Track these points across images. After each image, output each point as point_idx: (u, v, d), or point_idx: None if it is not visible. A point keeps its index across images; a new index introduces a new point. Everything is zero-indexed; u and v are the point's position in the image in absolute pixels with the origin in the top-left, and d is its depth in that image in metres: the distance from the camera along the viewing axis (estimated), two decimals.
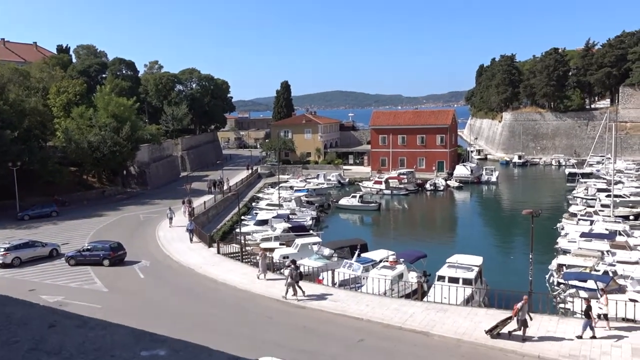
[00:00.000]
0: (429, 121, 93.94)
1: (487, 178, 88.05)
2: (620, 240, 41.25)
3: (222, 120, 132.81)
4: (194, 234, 43.89)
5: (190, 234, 43.77)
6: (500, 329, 22.53)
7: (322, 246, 41.05)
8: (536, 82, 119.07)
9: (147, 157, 79.18)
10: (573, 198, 65.46)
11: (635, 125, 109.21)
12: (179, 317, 26.89)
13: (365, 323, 25.29)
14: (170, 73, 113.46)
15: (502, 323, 22.56)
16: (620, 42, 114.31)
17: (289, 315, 26.75)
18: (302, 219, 56.08)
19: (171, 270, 36.42)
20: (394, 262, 34.72)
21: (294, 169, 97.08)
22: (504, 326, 22.55)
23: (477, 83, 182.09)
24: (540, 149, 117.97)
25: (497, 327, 22.48)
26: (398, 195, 78.37)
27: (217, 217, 58.87)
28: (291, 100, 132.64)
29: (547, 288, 35.26)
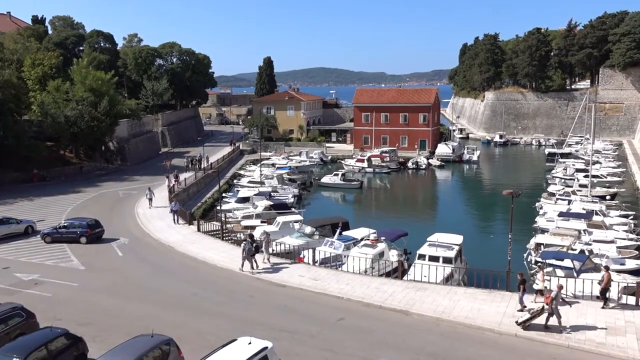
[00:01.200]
0: (412, 99, 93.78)
1: (469, 157, 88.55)
2: (597, 219, 41.79)
3: (204, 96, 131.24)
4: (178, 215, 42.44)
5: (175, 215, 42.43)
6: (533, 320, 21.61)
7: (304, 224, 40.90)
8: (518, 62, 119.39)
9: (127, 132, 78.00)
10: (552, 178, 66.15)
11: (614, 106, 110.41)
12: (158, 295, 26.68)
13: (345, 302, 25.36)
14: (150, 47, 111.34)
15: (537, 314, 21.53)
16: (602, 24, 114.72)
17: (269, 294, 26.70)
18: (284, 197, 55.88)
19: (150, 248, 36.07)
20: (375, 240, 34.72)
21: (276, 146, 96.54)
22: (538, 317, 21.60)
23: (461, 62, 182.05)
24: (521, 129, 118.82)
25: (531, 318, 21.51)
26: (380, 173, 78.48)
27: (198, 194, 58.36)
28: (274, 77, 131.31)
29: (525, 267, 35.66)
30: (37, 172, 60.17)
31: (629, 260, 34.42)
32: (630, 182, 64.30)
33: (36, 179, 59.83)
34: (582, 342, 20.31)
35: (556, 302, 21.40)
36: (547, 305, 21.40)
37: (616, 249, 35.55)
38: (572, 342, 20.35)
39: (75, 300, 25.97)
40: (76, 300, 25.87)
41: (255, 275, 29.40)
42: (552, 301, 21.29)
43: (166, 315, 23.78)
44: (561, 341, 20.50)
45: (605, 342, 20.21)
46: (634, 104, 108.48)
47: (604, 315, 22.66)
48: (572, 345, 20.23)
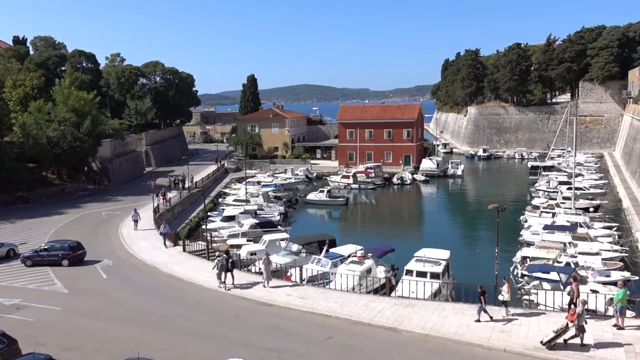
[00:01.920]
0: (396, 115, 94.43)
1: (453, 171, 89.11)
2: (581, 232, 42.17)
3: (188, 115, 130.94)
4: (168, 238, 41.02)
5: (164, 238, 41.07)
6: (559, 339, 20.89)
7: (290, 242, 40.70)
8: (500, 77, 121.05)
9: (110, 152, 77.40)
10: (535, 191, 66.71)
11: (595, 119, 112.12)
12: (143, 317, 26.25)
13: (333, 320, 25.15)
14: (133, 66, 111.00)
15: (562, 332, 20.84)
16: (580, 38, 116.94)
17: (256, 313, 26.40)
18: (270, 215, 55.63)
19: (135, 269, 35.58)
20: (362, 257, 34.64)
21: (261, 164, 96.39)
22: (562, 335, 20.89)
23: (443, 77, 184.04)
24: (504, 143, 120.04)
25: (556, 337, 20.81)
26: (365, 189, 78.60)
27: (183, 213, 57.88)
28: (258, 94, 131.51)
29: (512, 280, 35.75)
30: (20, 195, 59.32)
31: (614, 272, 34.69)
32: (613, 194, 65.07)
33: (19, 202, 58.97)
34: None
35: (582, 318, 20.83)
36: (572, 322, 20.73)
37: (601, 261, 35.86)
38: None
39: (58, 324, 25.45)
40: (60, 325, 25.35)
41: (231, 292, 29.53)
42: (577, 317, 20.63)
43: (152, 337, 23.38)
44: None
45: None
46: (613, 116, 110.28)
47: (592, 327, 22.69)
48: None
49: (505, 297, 24.56)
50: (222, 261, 30.32)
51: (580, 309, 20.88)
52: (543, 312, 25.04)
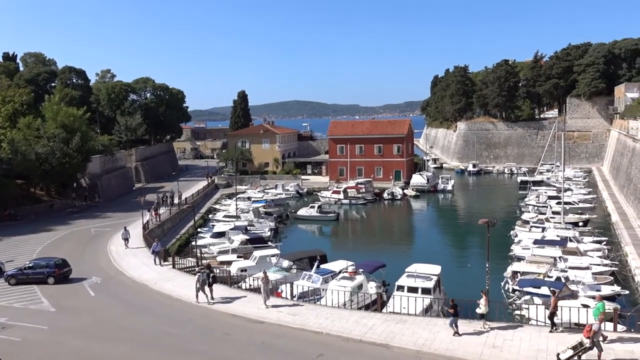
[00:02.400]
0: (386, 131, 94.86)
1: (443, 187, 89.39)
2: (571, 246, 42.32)
3: (178, 130, 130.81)
4: (160, 257, 39.76)
5: (156, 256, 39.89)
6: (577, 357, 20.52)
7: (281, 258, 40.49)
8: (488, 93, 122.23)
9: (99, 168, 76.97)
10: (525, 205, 67.04)
11: (582, 134, 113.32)
12: (132, 335, 25.89)
13: (324, 337, 24.94)
14: (123, 82, 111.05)
15: (581, 350, 20.42)
16: (567, 55, 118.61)
17: (247, 331, 26.14)
18: (260, 231, 55.39)
19: (124, 286, 35.18)
20: (353, 272, 34.49)
21: (251, 180, 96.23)
22: (582, 353, 20.50)
23: (432, 93, 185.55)
24: (493, 158, 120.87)
25: (574, 355, 20.47)
26: (356, 204, 78.59)
27: (172, 229, 57.52)
28: (248, 110, 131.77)
29: (503, 295, 35.74)
30: (8, 212, 58.73)
31: (604, 286, 34.78)
32: (602, 208, 65.52)
33: (7, 219, 58.35)
34: None
35: (598, 335, 20.63)
36: (587, 338, 20.37)
37: (591, 275, 35.95)
38: None
39: (45, 343, 25.02)
40: (46, 344, 24.93)
41: (211, 306, 29.64)
42: (594, 334, 20.33)
43: (141, 355, 23.06)
44: None
45: None
46: (601, 131, 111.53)
47: None
48: None
49: (483, 309, 24.76)
50: (202, 276, 30.46)
51: (597, 326, 20.60)
52: (534, 327, 24.96)
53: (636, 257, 40.82)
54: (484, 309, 24.79)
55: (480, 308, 24.88)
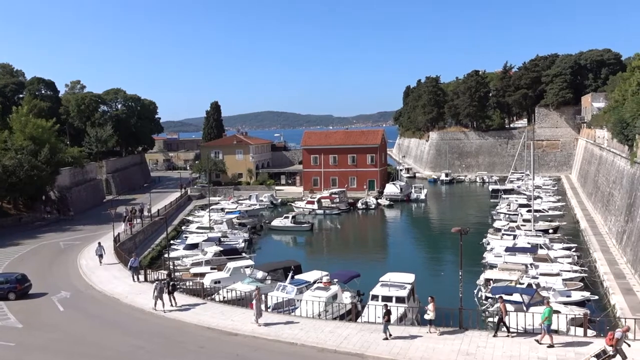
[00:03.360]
0: (359, 141, 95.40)
1: (417, 196, 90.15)
2: (542, 253, 43.06)
3: (150, 142, 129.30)
4: (137, 273, 37.90)
5: (133, 272, 38.00)
6: None
7: (255, 269, 40.27)
8: (460, 103, 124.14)
9: (69, 181, 75.50)
10: (497, 214, 67.97)
11: (551, 143, 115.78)
12: (103, 351, 25.32)
13: (299, 348, 24.79)
14: (93, 93, 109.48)
15: (604, 358, 20.30)
16: (535, 66, 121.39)
17: (220, 343, 25.82)
18: (234, 242, 54.94)
19: (94, 301, 34.42)
20: (327, 282, 34.48)
21: (225, 191, 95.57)
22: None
23: (405, 104, 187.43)
24: (465, 167, 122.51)
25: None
26: (330, 214, 78.66)
27: (144, 242, 56.66)
28: (221, 121, 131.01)
29: (476, 303, 36.07)
30: None
31: (574, 292, 35.42)
32: (571, 216, 66.85)
33: None
34: None
35: (621, 342, 20.47)
36: (610, 346, 20.32)
37: (562, 282, 36.57)
38: None
39: None
40: None
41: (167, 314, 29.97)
42: (616, 342, 20.23)
43: None
44: None
45: None
46: (569, 140, 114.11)
47: (554, 347, 22.98)
48: None
49: (431, 315, 25.22)
50: (160, 284, 31.05)
51: (619, 334, 20.46)
52: (507, 334, 25.22)
53: (604, 263, 41.69)
54: (432, 315, 25.27)
55: (428, 314, 25.37)
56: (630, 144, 47.92)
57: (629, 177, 47.15)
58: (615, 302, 33.02)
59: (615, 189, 53.55)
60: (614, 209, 52.19)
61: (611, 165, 59.20)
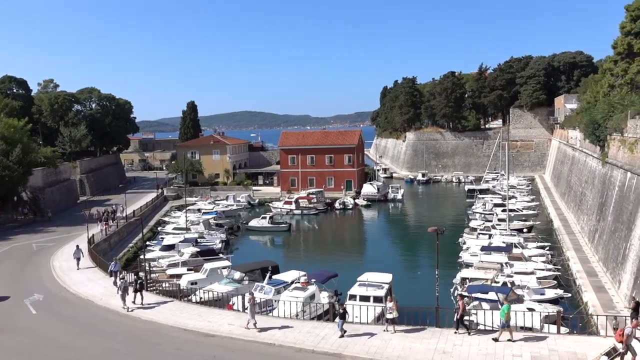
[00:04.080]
0: (337, 141, 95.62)
1: (394, 196, 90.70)
2: (517, 252, 43.69)
3: (125, 142, 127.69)
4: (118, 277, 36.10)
5: (115, 277, 36.72)
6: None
7: (232, 270, 40.03)
8: (436, 104, 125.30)
9: (42, 181, 74.06)
10: (472, 213, 68.74)
11: (525, 143, 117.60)
12: (77, 354, 24.90)
13: (277, 348, 24.71)
14: (67, 92, 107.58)
15: (615, 356, 20.18)
16: (509, 67, 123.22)
17: (197, 345, 25.61)
18: (211, 243, 54.57)
19: (68, 303, 33.81)
20: (305, 282, 34.49)
21: (202, 191, 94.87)
22: (614, 357, 20.16)
23: (382, 104, 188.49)
24: (441, 167, 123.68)
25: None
26: (308, 215, 78.64)
27: (120, 243, 55.89)
28: (198, 121, 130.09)
29: (453, 302, 36.41)
30: None
31: (548, 290, 36.02)
32: (544, 215, 67.95)
33: None
34: None
35: (631, 339, 20.31)
36: (620, 342, 20.20)
37: (536, 280, 37.16)
38: None
39: None
40: None
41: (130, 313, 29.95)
42: (627, 338, 20.05)
43: None
44: None
45: None
46: (542, 141, 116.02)
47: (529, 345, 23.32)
48: None
49: (394, 314, 25.49)
50: (125, 282, 31.22)
51: (629, 330, 20.31)
52: (483, 332, 25.53)
53: (577, 262, 42.48)
54: (395, 314, 25.54)
55: (390, 313, 25.58)
56: (602, 145, 48.89)
57: (601, 177, 48.12)
58: (588, 299, 33.67)
59: (588, 188, 54.60)
60: (586, 209, 53.21)
61: (583, 166, 60.35)
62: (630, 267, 32.67)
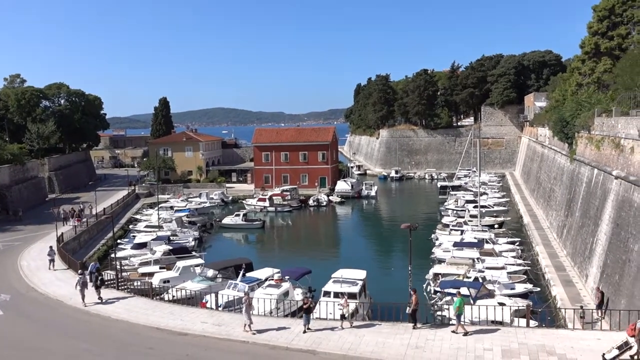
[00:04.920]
0: (311, 138, 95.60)
1: (367, 193, 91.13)
2: (488, 247, 44.38)
3: (95, 138, 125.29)
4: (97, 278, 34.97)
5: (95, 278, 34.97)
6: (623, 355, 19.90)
7: (206, 267, 39.73)
8: (409, 101, 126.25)
9: (8, 179, 72.29)
10: (445, 210, 69.52)
11: (496, 141, 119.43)
12: (46, 356, 24.42)
13: (250, 346, 24.64)
14: (35, 88, 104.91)
15: (624, 348, 19.85)
16: (481, 65, 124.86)
17: (170, 344, 25.35)
18: (184, 240, 54.08)
19: (36, 303, 33.12)
20: (279, 280, 34.47)
21: (174, 188, 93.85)
22: (627, 352, 19.85)
23: (356, 101, 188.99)
24: (414, 164, 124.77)
25: (620, 354, 19.90)
26: (282, 212, 78.52)
27: (90, 241, 54.94)
28: (170, 117, 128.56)
29: (425, 297, 36.81)
30: None
31: (518, 284, 36.67)
32: (514, 211, 69.12)
33: None
34: None
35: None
36: (632, 337, 19.86)
37: (507, 275, 37.80)
38: None
39: None
40: None
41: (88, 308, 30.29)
42: (639, 332, 19.61)
43: None
44: None
45: None
46: (512, 138, 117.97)
47: (499, 339, 23.72)
48: None
49: (344, 311, 25.93)
50: (83, 278, 31.72)
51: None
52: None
53: (546, 257, 43.34)
54: (345, 310, 25.90)
55: (340, 309, 26.06)
56: (570, 142, 49.93)
57: (569, 174, 49.15)
58: (556, 293, 34.38)
59: (556, 185, 55.72)
60: (554, 204, 54.31)
61: (552, 162, 61.56)
62: (596, 261, 33.49)
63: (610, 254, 30.87)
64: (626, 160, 30.85)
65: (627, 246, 28.09)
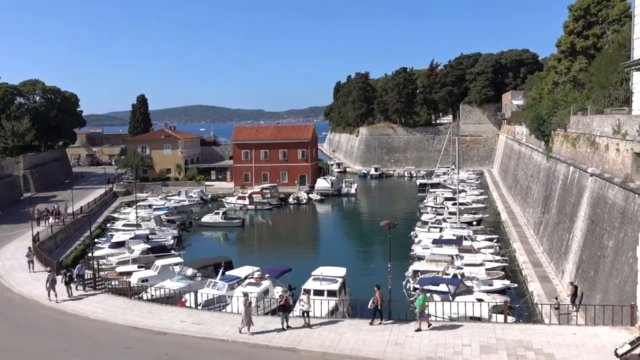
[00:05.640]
0: (290, 136, 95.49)
1: (347, 190, 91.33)
2: (466, 244, 44.84)
3: (72, 136, 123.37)
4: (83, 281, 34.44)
5: (82, 281, 34.43)
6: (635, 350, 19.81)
7: (185, 266, 39.46)
8: (388, 99, 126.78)
9: None
10: (424, 207, 70.01)
11: (474, 139, 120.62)
12: (22, 357, 23.99)
13: (230, 344, 24.54)
14: (8, 84, 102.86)
15: (637, 344, 19.72)
16: (459, 64, 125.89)
17: (149, 343, 25.13)
18: (163, 239, 53.65)
19: (11, 303, 32.55)
20: (259, 278, 34.39)
21: (152, 187, 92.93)
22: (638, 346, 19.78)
23: (335, 99, 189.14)
24: (394, 162, 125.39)
25: (632, 349, 19.81)
26: (262, 210, 78.30)
27: (66, 240, 54.14)
28: (148, 115, 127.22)
29: (405, 294, 37.06)
30: None
31: (496, 280, 37.14)
32: (492, 208, 69.91)
33: None
34: None
35: None
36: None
37: (485, 271, 38.26)
38: None
39: None
40: None
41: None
42: None
43: None
44: None
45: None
46: (490, 136, 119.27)
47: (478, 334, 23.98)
48: None
49: (306, 307, 26.15)
50: (52, 275, 32.32)
51: None
52: (434, 323, 26.06)
53: (523, 253, 43.94)
54: (307, 307, 26.12)
55: (303, 306, 26.30)
56: (547, 140, 50.66)
57: (546, 171, 49.87)
58: (533, 289, 34.89)
59: (533, 182, 56.51)
60: (531, 201, 55.07)
61: (529, 160, 62.40)
62: (572, 257, 34.06)
63: (585, 250, 31.43)
64: (601, 158, 31.41)
65: (602, 242, 28.62)
